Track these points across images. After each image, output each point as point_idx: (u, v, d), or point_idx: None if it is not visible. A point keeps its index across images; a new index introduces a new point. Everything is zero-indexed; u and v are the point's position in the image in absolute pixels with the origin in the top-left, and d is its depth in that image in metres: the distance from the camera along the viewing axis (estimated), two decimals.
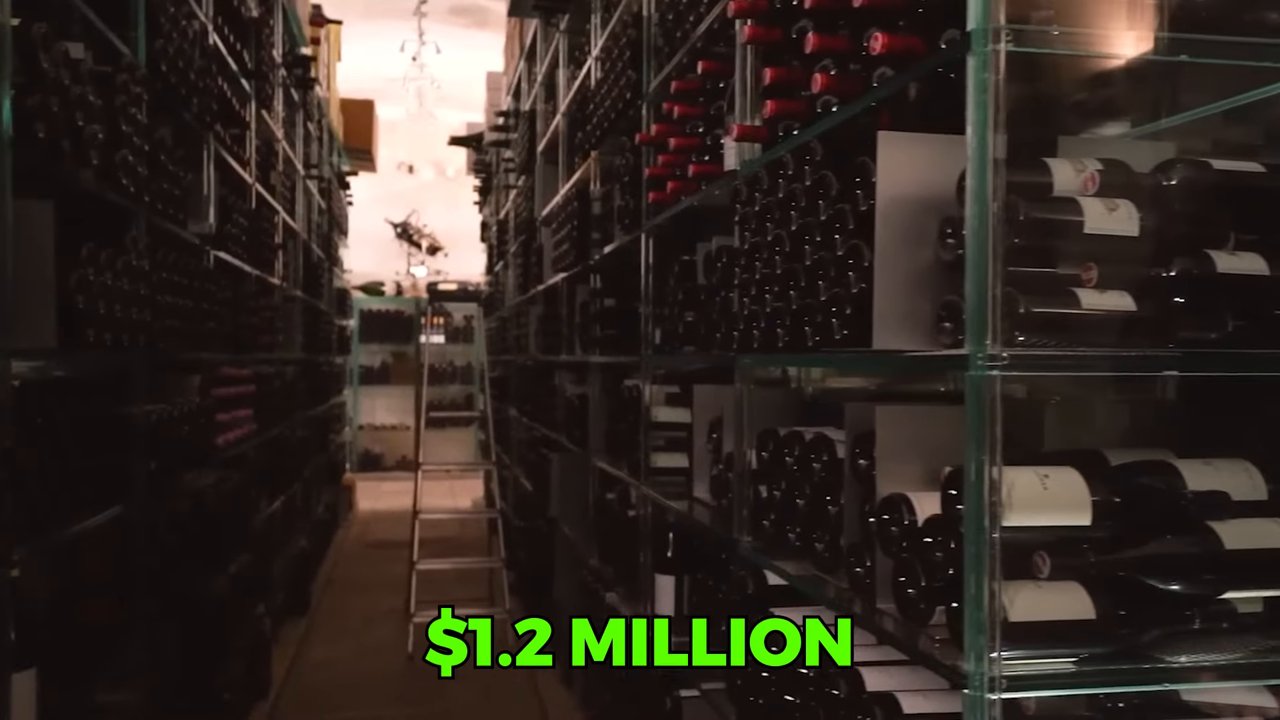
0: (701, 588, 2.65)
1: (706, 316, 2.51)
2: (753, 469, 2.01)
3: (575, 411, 4.22)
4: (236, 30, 3.85)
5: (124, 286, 2.34)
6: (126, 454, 2.55)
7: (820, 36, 1.61)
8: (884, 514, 1.44)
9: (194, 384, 3.33)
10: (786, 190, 1.70)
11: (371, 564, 7.50)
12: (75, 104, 2.01)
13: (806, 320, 1.60)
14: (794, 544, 1.80)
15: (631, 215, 3.04)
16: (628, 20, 3.08)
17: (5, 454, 1.71)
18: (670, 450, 2.96)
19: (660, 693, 2.60)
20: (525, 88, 6.37)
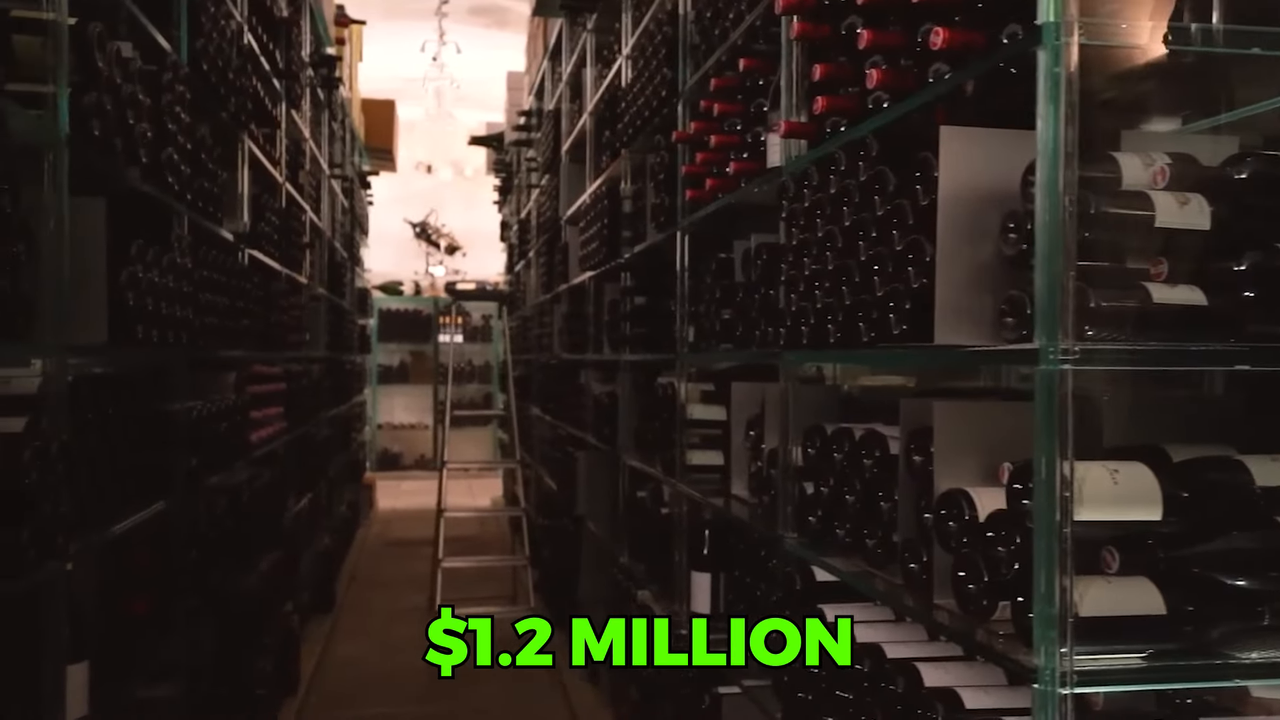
0: (738, 585, 2.65)
1: (745, 314, 2.51)
2: (798, 465, 2.01)
3: (604, 410, 4.22)
4: (269, 30, 3.87)
5: (169, 284, 2.36)
6: (168, 450, 2.58)
7: (874, 32, 1.61)
8: (943, 509, 1.44)
9: (229, 381, 3.35)
10: (839, 186, 1.70)
11: (393, 562, 7.53)
12: (127, 103, 2.03)
13: (861, 316, 1.60)
14: (843, 540, 1.80)
15: (667, 213, 3.04)
16: (662, 19, 3.09)
17: (62, 447, 1.73)
18: (705, 448, 2.96)
19: (697, 689, 2.60)
20: (549, 87, 6.38)
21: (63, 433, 1.76)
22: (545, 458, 6.33)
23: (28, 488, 1.58)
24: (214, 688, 3.00)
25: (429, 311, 12.88)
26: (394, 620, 5.87)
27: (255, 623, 3.65)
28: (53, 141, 1.75)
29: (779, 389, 2.09)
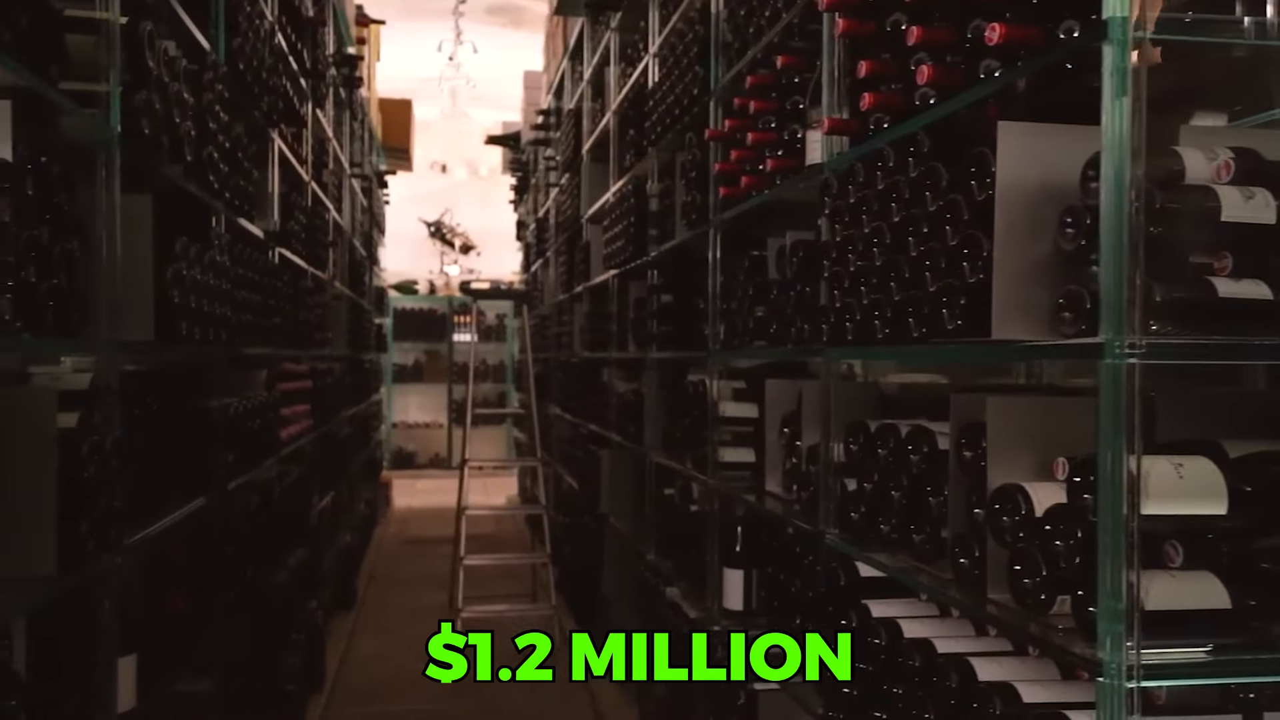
0: (771, 581, 2.66)
1: (779, 311, 2.52)
2: (839, 462, 2.01)
3: (629, 407, 4.23)
4: (297, 29, 3.90)
5: (209, 281, 2.38)
6: (207, 446, 2.60)
7: (924, 29, 1.61)
8: (997, 504, 1.44)
9: (260, 379, 3.37)
10: (888, 182, 1.70)
11: (411, 560, 7.56)
12: (173, 101, 2.05)
13: (911, 311, 1.60)
14: (888, 536, 1.80)
15: (698, 210, 3.04)
16: (693, 17, 3.09)
17: (116, 443, 1.75)
18: (736, 445, 2.97)
19: (731, 686, 2.60)
20: (569, 86, 6.39)
21: (116, 428, 1.78)
22: (565, 456, 6.35)
23: (86, 481, 1.60)
24: (248, 683, 3.03)
25: (444, 311, 12.92)
26: (415, 618, 5.89)
27: (285, 619, 3.67)
28: (106, 139, 1.77)
29: (819, 386, 2.09)
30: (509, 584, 6.15)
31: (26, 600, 1.45)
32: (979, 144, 1.56)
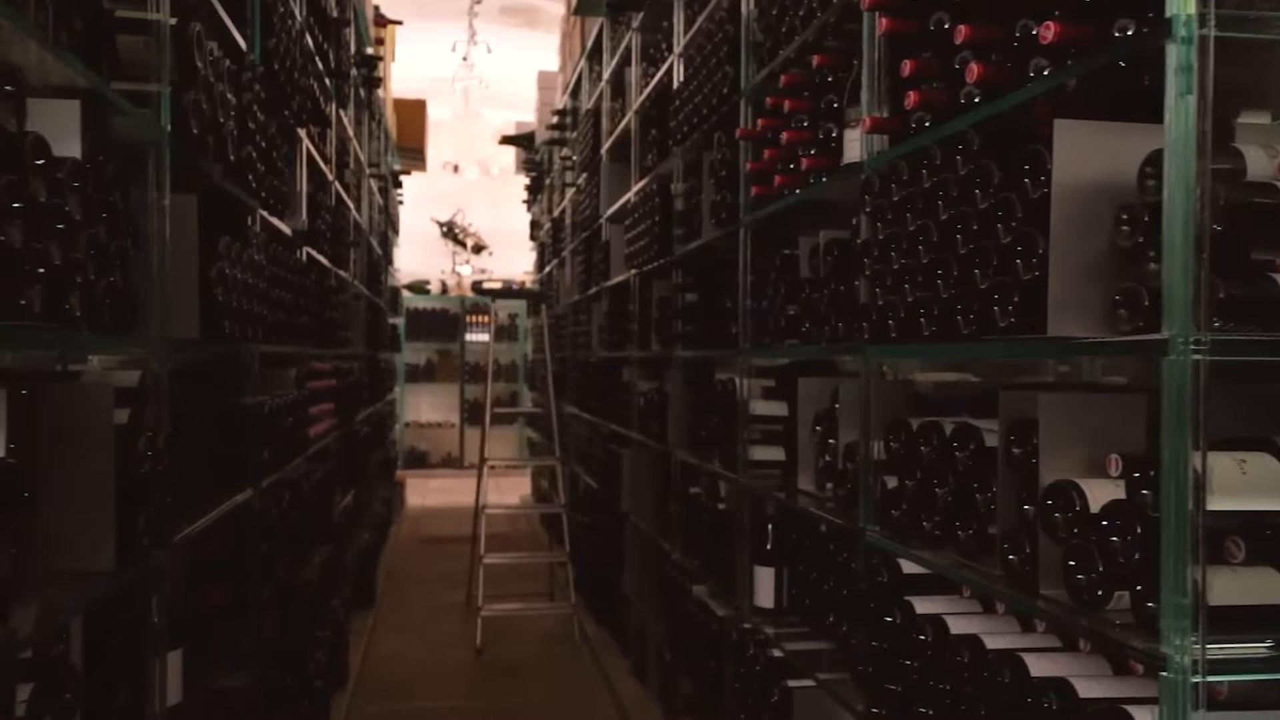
0: (802, 579, 2.67)
1: (812, 309, 2.53)
2: (880, 459, 2.02)
3: (652, 406, 4.24)
4: (324, 30, 3.92)
5: (248, 280, 2.40)
6: (243, 443, 2.62)
7: (972, 27, 1.62)
8: (1049, 501, 1.44)
9: (290, 377, 3.39)
10: (935, 180, 1.71)
11: (427, 559, 7.58)
12: (217, 101, 2.07)
13: (960, 309, 1.61)
14: (930, 533, 1.81)
15: (728, 210, 3.05)
16: (722, 17, 3.10)
17: (169, 439, 1.76)
18: (765, 443, 2.98)
19: (765, 683, 2.61)
20: (586, 86, 6.41)
21: (166, 425, 1.80)
22: (583, 455, 6.36)
23: (143, 477, 1.61)
24: (280, 678, 3.05)
25: (456, 310, 12.95)
26: (434, 616, 5.92)
27: (312, 616, 3.69)
28: (157, 139, 1.79)
29: (859, 384, 2.10)
30: (525, 583, 6.17)
31: (87, 596, 1.47)
32: (1025, 141, 1.57)
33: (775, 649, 2.62)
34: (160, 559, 1.76)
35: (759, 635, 2.74)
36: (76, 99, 1.42)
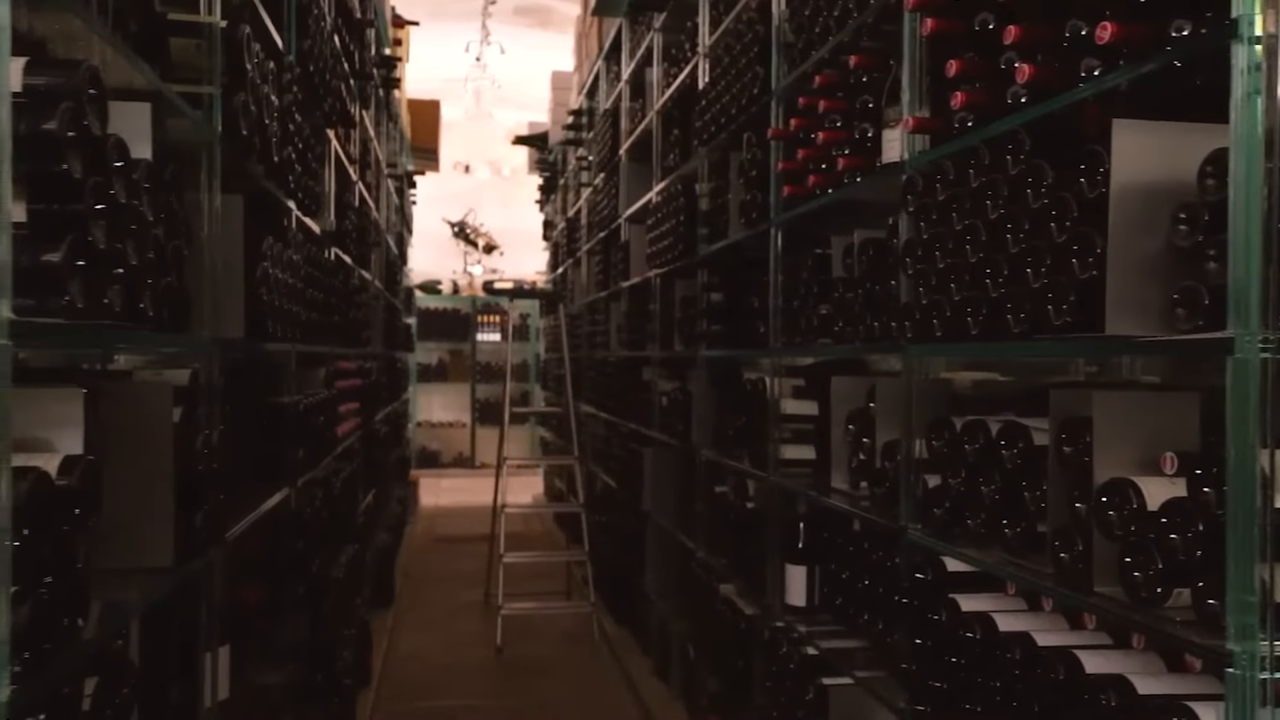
0: (833, 577, 2.68)
1: (846, 309, 2.54)
2: (922, 458, 2.03)
3: (675, 406, 4.25)
4: (350, 31, 3.94)
5: (287, 279, 2.42)
6: (281, 442, 2.64)
7: (1021, 28, 1.63)
8: (1105, 498, 1.45)
9: (320, 376, 3.42)
10: (981, 180, 1.72)
11: (443, 558, 7.61)
12: (263, 103, 2.09)
13: (1010, 308, 1.62)
14: (976, 531, 1.82)
15: (759, 209, 3.06)
16: (753, 17, 3.11)
17: (221, 437, 1.78)
18: (796, 442, 2.99)
19: (800, 681, 2.62)
20: (604, 86, 6.42)
21: (219, 423, 1.81)
22: (601, 454, 6.37)
23: (200, 475, 1.63)
24: (311, 676, 3.07)
25: (467, 310, 12.99)
26: (452, 615, 5.94)
27: (340, 614, 3.71)
28: (209, 140, 1.81)
29: (900, 383, 2.11)
30: (541, 582, 6.19)
31: (149, 592, 1.48)
32: (1072, 141, 1.58)
33: (809, 647, 2.63)
34: (213, 556, 1.78)
35: (792, 633, 2.75)
36: (147, 101, 1.44)
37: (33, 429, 1.16)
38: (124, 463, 1.51)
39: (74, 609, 1.13)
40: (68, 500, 1.12)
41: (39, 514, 1.04)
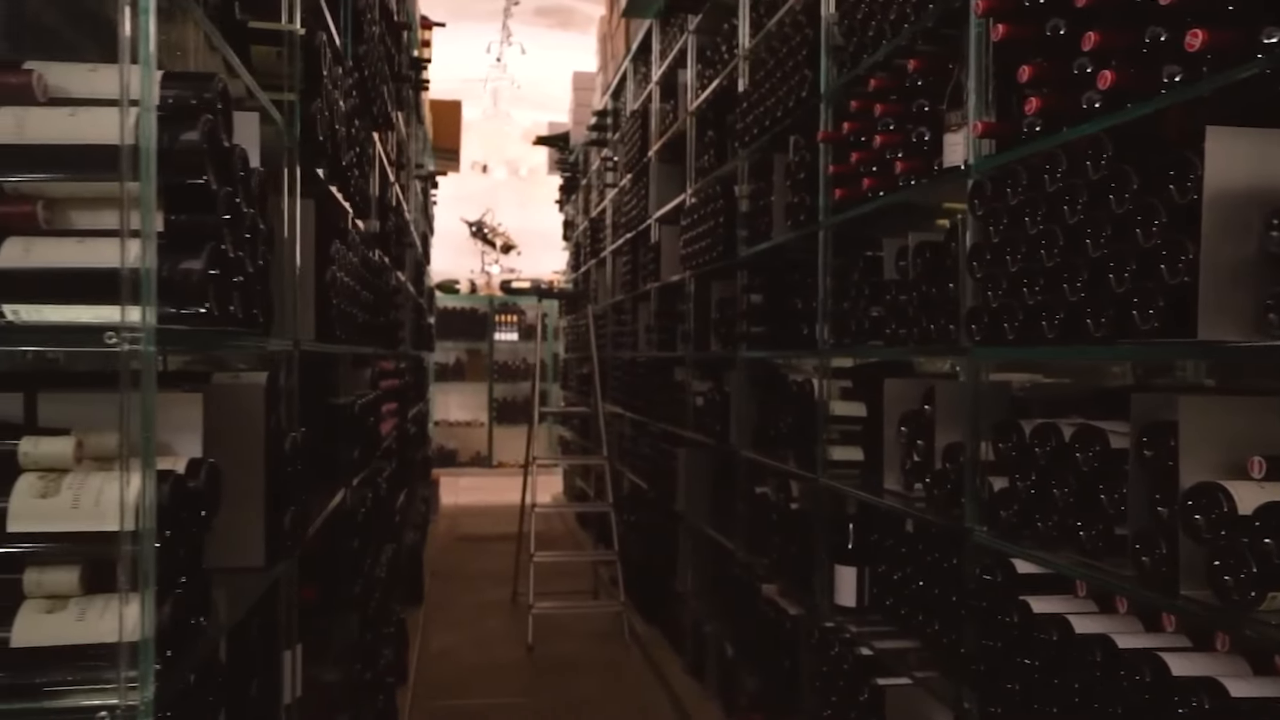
0: (883, 578, 2.69)
1: (899, 311, 2.55)
2: (988, 460, 2.04)
3: (712, 406, 4.27)
4: (392, 34, 3.97)
5: (349, 282, 2.45)
6: (337, 442, 2.66)
7: (1101, 34, 1.64)
8: (1192, 502, 1.46)
9: (366, 377, 3.44)
10: (1061, 185, 1.73)
11: (467, 557, 7.65)
12: (334, 108, 2.11)
13: (1090, 312, 1.63)
14: (1047, 533, 1.83)
15: (806, 212, 3.08)
16: (801, 20, 3.12)
17: (305, 439, 1.81)
18: (843, 443, 3.01)
19: (854, 681, 2.63)
20: (631, 87, 6.44)
21: (296, 425, 1.84)
22: (627, 454, 6.39)
23: (288, 476, 1.66)
24: (360, 674, 3.09)
25: (485, 310, 13.03)
26: (481, 613, 5.97)
27: (381, 612, 3.74)
28: (290, 146, 1.83)
29: (965, 386, 2.12)
30: (567, 581, 6.21)
31: (246, 591, 1.51)
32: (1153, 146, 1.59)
33: (863, 647, 2.64)
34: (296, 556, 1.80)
35: (843, 633, 2.76)
36: (255, 111, 1.46)
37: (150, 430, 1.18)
38: (222, 464, 1.53)
39: (200, 609, 1.16)
40: (196, 502, 1.14)
41: (175, 516, 1.06)
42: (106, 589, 1.04)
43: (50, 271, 0.97)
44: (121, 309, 0.96)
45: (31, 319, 0.98)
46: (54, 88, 1.02)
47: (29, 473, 1.01)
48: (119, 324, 0.97)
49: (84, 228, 1.03)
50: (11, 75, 0.98)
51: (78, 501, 0.99)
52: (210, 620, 1.20)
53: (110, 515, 0.99)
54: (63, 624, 0.98)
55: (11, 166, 0.96)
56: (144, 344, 0.97)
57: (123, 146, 0.95)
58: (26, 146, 0.96)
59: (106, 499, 1.00)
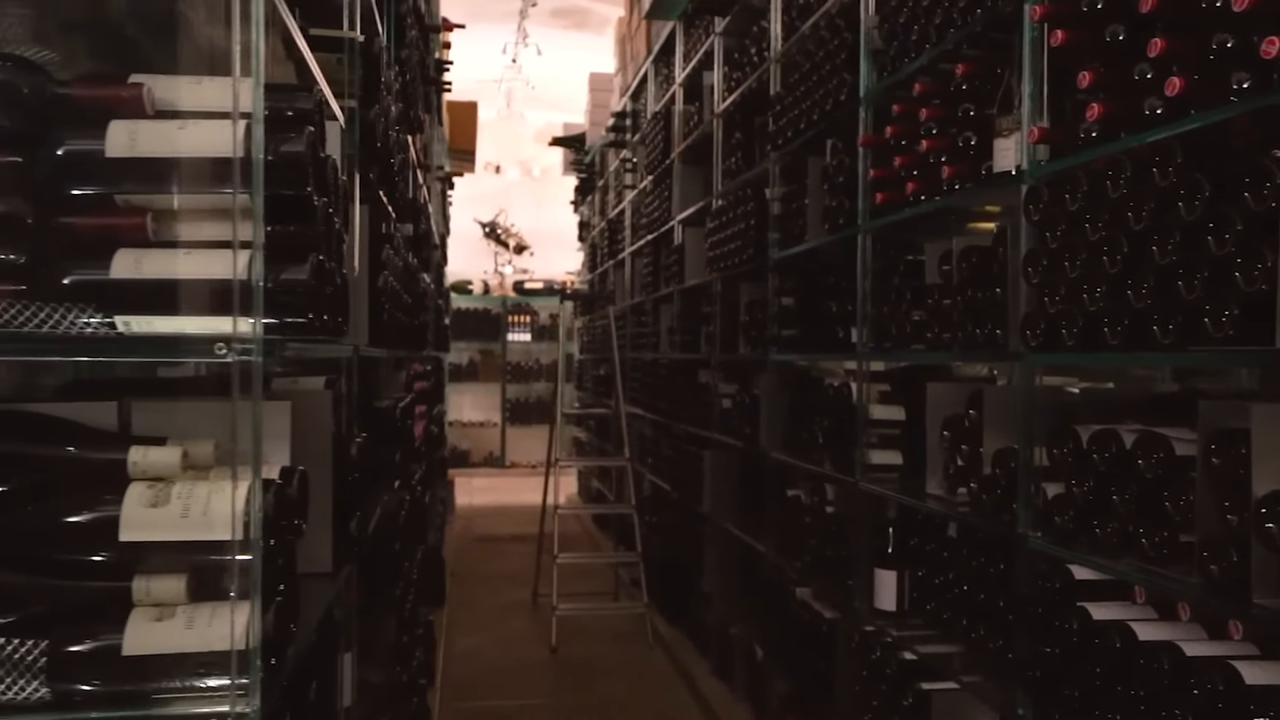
0: (924, 583, 2.69)
1: (942, 316, 2.55)
2: (1043, 466, 2.04)
3: (740, 408, 4.27)
4: (423, 37, 3.97)
5: (396, 286, 2.45)
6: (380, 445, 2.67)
7: (1167, 40, 1.64)
8: (1265, 510, 1.46)
9: (401, 379, 3.45)
10: (1126, 191, 1.73)
11: (485, 558, 7.66)
12: (387, 114, 2.12)
13: (1158, 319, 1.63)
14: (1105, 540, 1.83)
15: (845, 215, 3.08)
16: (839, 24, 3.12)
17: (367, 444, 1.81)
18: (881, 447, 3.01)
19: (898, 685, 2.63)
20: (652, 89, 6.44)
21: (360, 430, 1.85)
22: (649, 455, 6.39)
23: (353, 482, 1.66)
24: (397, 675, 3.10)
25: (498, 311, 13.05)
26: (503, 614, 5.98)
27: (413, 614, 3.75)
28: (351, 153, 1.84)
29: (1021, 391, 2.12)
30: (587, 582, 6.22)
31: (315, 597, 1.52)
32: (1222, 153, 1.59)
33: (907, 651, 2.64)
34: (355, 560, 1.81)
35: (884, 637, 2.76)
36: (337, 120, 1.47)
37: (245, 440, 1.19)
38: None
39: (293, 615, 1.16)
40: (293, 510, 1.15)
41: (277, 524, 1.07)
42: (208, 597, 1.04)
43: (160, 283, 0.98)
44: (234, 320, 0.97)
45: (141, 330, 0.99)
46: (160, 100, 1.03)
47: (137, 482, 1.01)
48: (229, 335, 0.98)
49: (186, 239, 1.04)
50: (122, 89, 0.99)
51: (187, 511, 0.99)
52: (301, 627, 1.21)
53: (219, 524, 1.00)
54: (173, 632, 0.99)
55: (126, 179, 0.97)
56: (254, 355, 0.98)
57: (236, 159, 0.96)
58: (140, 160, 0.97)
59: (214, 508, 1.00)
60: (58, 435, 1.05)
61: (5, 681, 0.95)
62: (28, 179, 0.97)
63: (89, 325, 0.97)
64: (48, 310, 0.96)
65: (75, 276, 0.98)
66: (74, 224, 0.98)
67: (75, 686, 0.98)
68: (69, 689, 0.98)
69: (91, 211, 0.99)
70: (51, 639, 0.97)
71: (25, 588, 0.99)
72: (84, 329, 0.97)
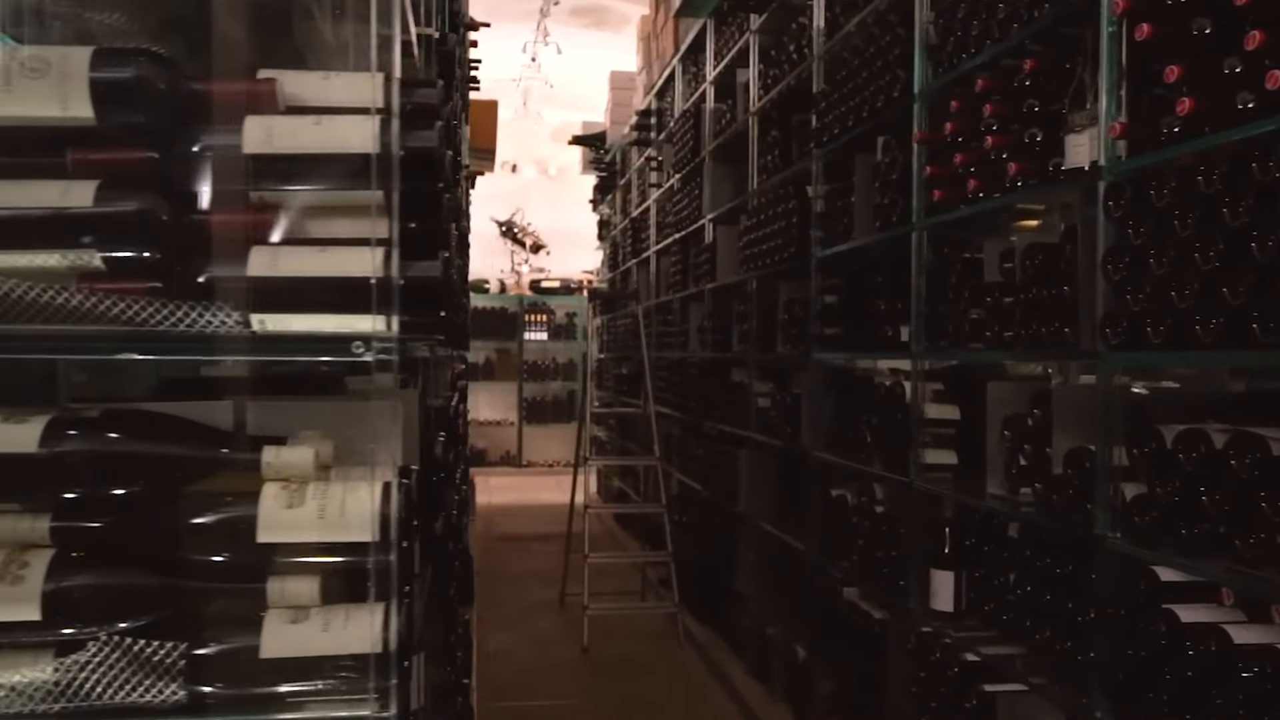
0: (984, 583, 2.67)
1: (1003, 314, 2.52)
2: (1122, 466, 2.01)
3: (780, 407, 4.24)
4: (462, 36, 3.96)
5: (456, 284, 2.44)
6: None
7: (1267, 33, 1.62)
8: None
9: (447, 378, 3.44)
10: (1220, 187, 1.70)
11: (509, 556, 7.66)
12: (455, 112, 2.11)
13: (1256, 317, 1.60)
14: (1191, 541, 1.80)
15: (899, 213, 3.05)
16: (891, 20, 3.10)
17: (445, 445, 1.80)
18: (935, 446, 2.98)
19: (961, 687, 2.61)
20: (680, 87, 6.42)
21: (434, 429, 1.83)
22: (678, 454, 6.37)
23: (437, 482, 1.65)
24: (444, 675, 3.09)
25: (514, 309, 13.05)
26: (531, 613, 5.97)
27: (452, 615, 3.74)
28: None
29: (1099, 390, 2.09)
30: (614, 581, 6.21)
31: None
32: None
33: (968, 653, 2.62)
34: None
35: (942, 638, 2.74)
36: None
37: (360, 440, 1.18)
38: None
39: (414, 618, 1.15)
40: (416, 511, 1.14)
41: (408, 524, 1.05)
42: (340, 599, 1.03)
43: (297, 280, 0.96)
44: (373, 319, 0.95)
45: (276, 329, 0.97)
46: (290, 95, 1.01)
47: (271, 483, 1.00)
48: (368, 333, 0.96)
49: (317, 235, 1.02)
50: (257, 85, 0.98)
51: (324, 512, 0.98)
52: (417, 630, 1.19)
53: (355, 525, 0.99)
54: (309, 635, 0.98)
55: (264, 176, 0.96)
56: (392, 353, 0.96)
57: (374, 155, 0.94)
58: (277, 156, 0.96)
59: (351, 509, 0.99)
60: (185, 435, 1.03)
61: (145, 684, 0.94)
62: (164, 176, 0.96)
63: (225, 324, 0.96)
64: (184, 309, 0.95)
65: (210, 274, 0.96)
66: (209, 221, 0.97)
67: (212, 689, 0.96)
68: (205, 692, 0.96)
69: (226, 209, 0.97)
70: (190, 641, 0.95)
71: (160, 589, 0.97)
72: (219, 328, 0.96)
